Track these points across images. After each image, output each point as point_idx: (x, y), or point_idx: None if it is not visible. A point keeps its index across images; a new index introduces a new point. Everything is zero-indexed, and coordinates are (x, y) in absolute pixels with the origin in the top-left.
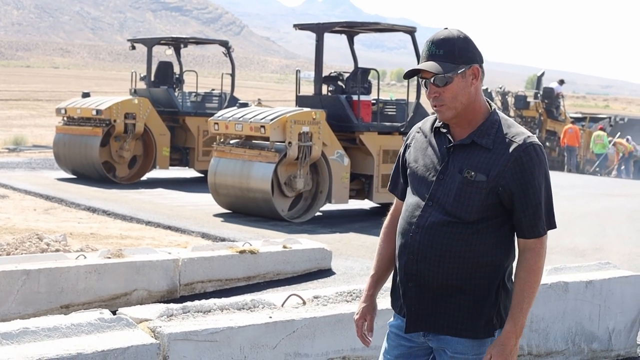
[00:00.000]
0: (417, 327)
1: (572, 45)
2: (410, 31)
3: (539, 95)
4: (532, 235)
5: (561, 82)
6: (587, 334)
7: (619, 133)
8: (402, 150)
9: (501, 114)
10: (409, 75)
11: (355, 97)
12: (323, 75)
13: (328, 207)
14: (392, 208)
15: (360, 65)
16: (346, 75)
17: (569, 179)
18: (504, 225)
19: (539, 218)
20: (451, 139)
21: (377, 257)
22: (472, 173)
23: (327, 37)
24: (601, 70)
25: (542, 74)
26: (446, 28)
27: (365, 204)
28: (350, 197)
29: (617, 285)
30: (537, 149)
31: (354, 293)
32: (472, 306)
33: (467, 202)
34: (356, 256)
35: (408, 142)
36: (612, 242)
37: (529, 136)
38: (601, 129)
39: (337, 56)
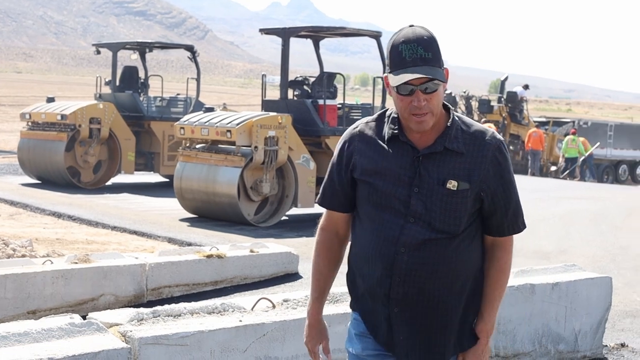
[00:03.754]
0: (411, 356)
1: (535, 49)
2: (376, 36)
3: (502, 99)
4: (511, 232)
5: (526, 86)
6: (554, 335)
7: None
8: (337, 162)
9: (455, 112)
10: (397, 81)
11: (321, 102)
12: (289, 80)
13: (294, 211)
14: (324, 222)
15: (325, 69)
16: (312, 79)
17: (533, 182)
18: (479, 228)
19: (519, 214)
20: (415, 147)
21: (317, 276)
22: (454, 183)
23: (292, 41)
24: (564, 74)
25: (506, 78)
26: (412, 25)
27: None
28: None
29: (583, 287)
30: (504, 144)
31: None
32: (463, 319)
33: (455, 214)
34: None
35: (348, 152)
36: (577, 245)
37: (492, 132)
38: (574, 133)
39: (301, 60)
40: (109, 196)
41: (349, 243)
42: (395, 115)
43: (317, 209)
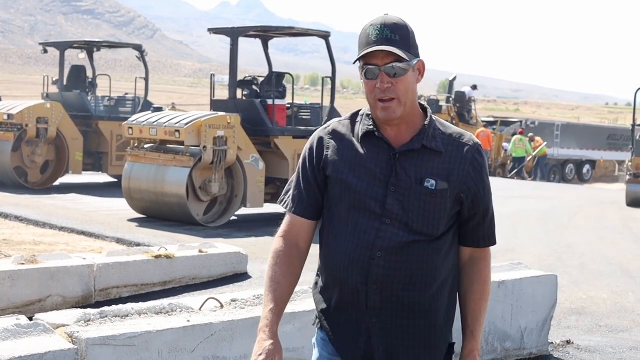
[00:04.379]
0: None
1: (483, 50)
2: (325, 36)
3: (451, 99)
4: (488, 243)
5: (474, 87)
6: (500, 333)
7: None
8: (309, 161)
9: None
10: (358, 60)
11: (270, 101)
12: (238, 80)
13: (243, 211)
14: (285, 230)
15: (274, 69)
16: (261, 79)
17: None
18: (456, 236)
19: (494, 225)
20: (391, 145)
21: (274, 286)
22: (433, 182)
23: (242, 41)
24: (512, 74)
25: (454, 78)
26: (387, 14)
27: (281, 208)
28: (266, 201)
29: (529, 285)
30: (482, 149)
31: None
32: (443, 327)
33: (434, 215)
34: None
35: (319, 151)
36: (524, 243)
37: (470, 135)
38: (521, 132)
39: (251, 60)
40: (56, 196)
41: (318, 253)
42: (369, 112)
43: (267, 209)
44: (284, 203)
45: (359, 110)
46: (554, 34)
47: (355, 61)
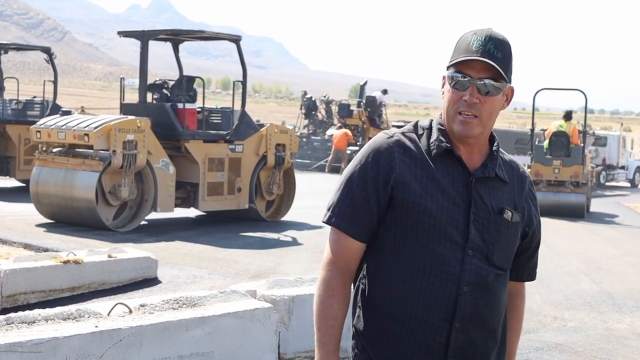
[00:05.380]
0: None
1: (394, 55)
2: (235, 40)
3: (362, 103)
4: (530, 277)
5: (384, 91)
6: None
7: None
8: (371, 176)
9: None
10: (456, 65)
11: (180, 105)
12: (148, 83)
13: (153, 215)
14: (336, 254)
15: (185, 73)
16: (171, 83)
17: None
18: None
19: (538, 258)
20: (467, 168)
21: (332, 322)
22: (509, 213)
23: (152, 44)
24: (422, 79)
25: (365, 83)
26: (491, 28)
27: (191, 212)
28: (176, 205)
29: None
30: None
31: (180, 300)
32: None
33: (509, 248)
34: (182, 264)
35: (387, 165)
36: None
37: (521, 164)
38: None
39: (162, 64)
40: None
41: (372, 280)
42: (441, 127)
43: (177, 213)
44: (329, 219)
45: (417, 122)
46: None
47: (449, 66)
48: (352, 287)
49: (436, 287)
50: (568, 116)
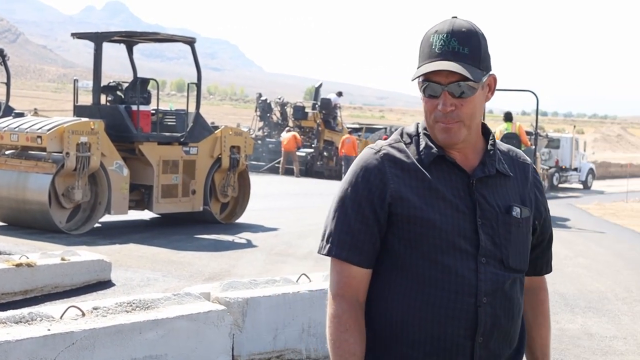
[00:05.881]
0: None
1: (349, 57)
2: (190, 42)
3: (317, 106)
4: (547, 270)
5: (339, 93)
6: None
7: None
8: (365, 196)
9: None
10: (420, 76)
11: (134, 107)
12: (102, 85)
13: (107, 218)
14: (343, 284)
15: (139, 75)
16: (125, 85)
17: None
18: None
19: (552, 249)
20: (465, 170)
21: (350, 359)
22: (517, 209)
23: (106, 46)
24: (377, 82)
25: (320, 85)
26: (455, 17)
27: (145, 215)
28: (130, 207)
29: None
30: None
31: (133, 303)
32: None
33: (524, 248)
34: (136, 267)
35: (379, 182)
36: None
37: (521, 152)
38: (386, 139)
39: (117, 65)
40: None
41: (377, 304)
42: (427, 132)
43: (131, 215)
44: (329, 250)
45: (403, 130)
46: (417, 41)
47: (414, 78)
48: (363, 319)
49: (452, 302)
50: (508, 117)
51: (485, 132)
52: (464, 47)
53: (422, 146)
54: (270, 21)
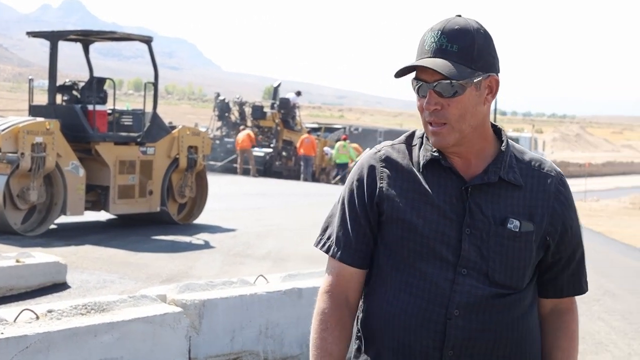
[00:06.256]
0: None
1: (307, 56)
2: (147, 40)
3: (275, 105)
4: (574, 291)
5: (298, 93)
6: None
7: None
8: (357, 194)
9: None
10: (401, 73)
11: (90, 107)
12: (57, 85)
13: (63, 219)
14: (331, 283)
15: (96, 74)
16: (81, 84)
17: (305, 187)
18: (536, 286)
19: (582, 269)
20: (460, 175)
21: (327, 358)
22: (516, 222)
23: (62, 45)
24: (336, 81)
25: (279, 85)
26: (459, 15)
27: (102, 216)
28: (86, 208)
29: None
30: (565, 179)
31: (88, 306)
32: None
33: (518, 263)
34: (92, 269)
35: (371, 182)
36: None
37: (551, 162)
38: (345, 139)
39: (73, 65)
40: None
41: (366, 306)
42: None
43: (87, 216)
44: (325, 246)
45: (414, 132)
46: (376, 40)
47: (397, 74)
48: (353, 321)
49: (422, 310)
50: None
51: (499, 135)
52: (453, 44)
53: (417, 147)
54: (229, 20)
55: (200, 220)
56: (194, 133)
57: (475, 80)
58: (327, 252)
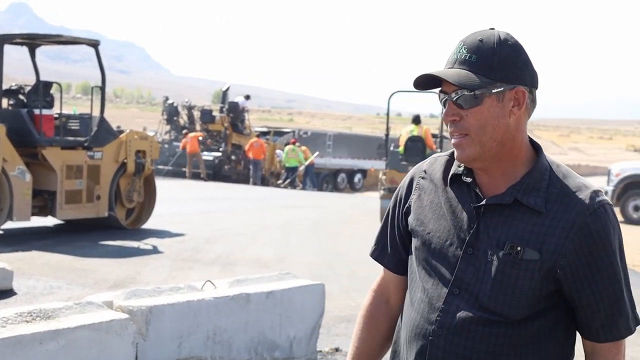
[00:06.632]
0: None
1: (257, 60)
2: (94, 44)
3: (224, 109)
4: (608, 337)
5: (247, 97)
6: (270, 343)
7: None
8: (396, 203)
9: (551, 158)
10: (420, 84)
11: (37, 111)
12: (3, 89)
13: (9, 224)
14: (377, 281)
15: (44, 77)
16: (27, 88)
17: (254, 191)
18: (561, 322)
19: (619, 312)
20: (479, 194)
21: (352, 348)
22: (519, 248)
23: (9, 48)
24: (285, 85)
25: (228, 89)
26: (493, 28)
27: (49, 221)
28: (33, 213)
29: (297, 294)
30: (609, 212)
31: (34, 313)
32: None
33: (513, 291)
34: (39, 275)
35: (407, 191)
36: (295, 253)
37: (595, 191)
38: (294, 142)
39: (20, 68)
40: None
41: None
42: None
43: (34, 222)
44: (372, 248)
45: None
46: (325, 45)
47: (416, 85)
48: (391, 322)
49: (415, 325)
50: (417, 120)
51: (538, 152)
52: (472, 54)
53: (455, 162)
54: (178, 23)
55: (148, 225)
56: (142, 137)
57: (494, 91)
58: (370, 253)
